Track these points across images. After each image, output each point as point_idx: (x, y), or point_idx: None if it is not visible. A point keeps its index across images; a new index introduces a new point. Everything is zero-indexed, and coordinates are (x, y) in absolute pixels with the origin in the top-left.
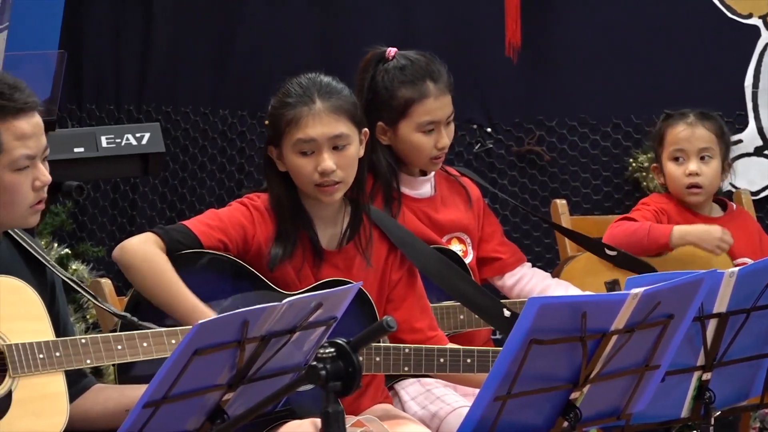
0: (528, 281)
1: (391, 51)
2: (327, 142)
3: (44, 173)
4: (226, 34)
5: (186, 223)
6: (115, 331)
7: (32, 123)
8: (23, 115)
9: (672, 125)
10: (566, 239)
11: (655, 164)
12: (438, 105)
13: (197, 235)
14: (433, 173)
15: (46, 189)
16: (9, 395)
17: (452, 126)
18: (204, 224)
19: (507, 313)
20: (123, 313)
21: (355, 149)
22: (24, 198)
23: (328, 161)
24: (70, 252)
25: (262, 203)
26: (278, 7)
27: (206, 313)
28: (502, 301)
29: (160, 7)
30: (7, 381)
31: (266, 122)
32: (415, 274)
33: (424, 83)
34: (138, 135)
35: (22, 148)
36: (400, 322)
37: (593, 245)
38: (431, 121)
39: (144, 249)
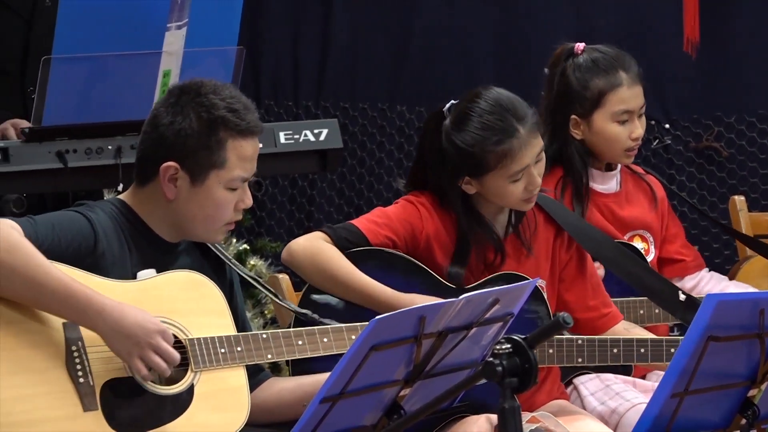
0: (706, 283)
1: (580, 46)
2: (533, 161)
3: (249, 197)
4: (404, 29)
5: (353, 221)
6: (290, 326)
7: (255, 147)
8: (250, 137)
9: None
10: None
11: None
12: (631, 94)
13: (364, 233)
14: (619, 168)
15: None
16: (191, 389)
17: (644, 118)
18: (371, 222)
19: (682, 296)
20: (304, 311)
21: None
22: (225, 215)
23: (537, 178)
24: (248, 247)
25: (427, 200)
26: (455, 2)
27: (403, 299)
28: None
29: (338, 3)
30: (189, 375)
31: (452, 155)
32: (585, 253)
33: (616, 73)
34: (316, 131)
35: (240, 169)
36: (573, 301)
37: None
38: (625, 110)
39: (311, 244)
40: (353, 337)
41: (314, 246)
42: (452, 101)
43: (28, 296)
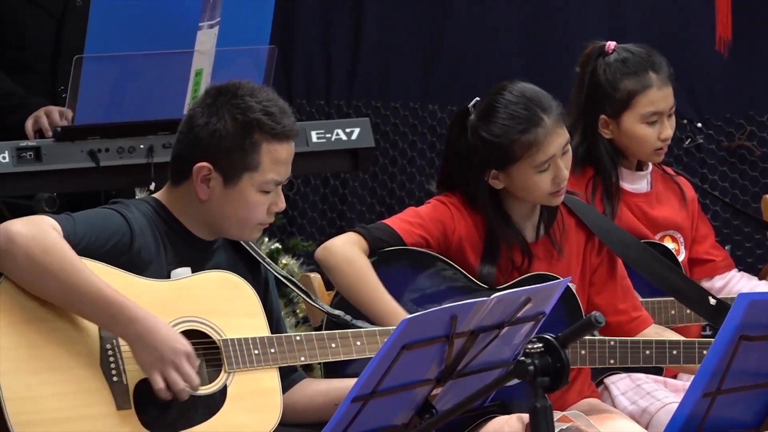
0: (736, 283)
1: (611, 44)
2: (559, 152)
3: (282, 200)
4: (435, 28)
5: (387, 221)
6: (321, 326)
7: (289, 151)
8: (285, 141)
9: None
10: None
11: None
12: (661, 95)
13: (399, 233)
14: (650, 169)
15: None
16: (224, 390)
17: (674, 118)
18: (404, 222)
19: (712, 300)
20: (337, 312)
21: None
22: (257, 217)
23: (565, 170)
24: (280, 246)
25: (458, 201)
26: (486, 1)
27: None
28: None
29: (370, 2)
30: (223, 376)
31: (479, 147)
32: (615, 256)
33: (646, 74)
34: (348, 130)
35: (274, 173)
36: (604, 304)
37: None
38: (655, 111)
39: (347, 250)
40: (386, 340)
41: (350, 253)
42: (476, 99)
43: (61, 298)
